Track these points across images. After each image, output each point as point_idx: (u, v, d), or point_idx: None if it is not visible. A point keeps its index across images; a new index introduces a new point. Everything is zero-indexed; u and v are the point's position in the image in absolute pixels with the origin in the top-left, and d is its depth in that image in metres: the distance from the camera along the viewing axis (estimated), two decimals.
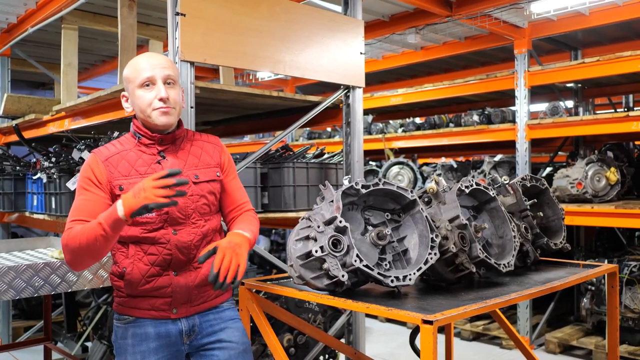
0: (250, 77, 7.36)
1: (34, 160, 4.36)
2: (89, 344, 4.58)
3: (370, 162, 6.94)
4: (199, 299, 2.03)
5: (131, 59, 2.04)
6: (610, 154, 5.24)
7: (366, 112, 6.29)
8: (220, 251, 1.82)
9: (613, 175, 4.94)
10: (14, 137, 4.87)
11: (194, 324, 2.03)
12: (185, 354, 2.05)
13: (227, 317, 2.10)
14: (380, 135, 6.72)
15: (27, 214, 4.36)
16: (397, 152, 6.77)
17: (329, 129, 8.16)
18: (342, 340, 3.59)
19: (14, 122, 4.65)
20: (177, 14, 2.67)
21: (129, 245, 1.98)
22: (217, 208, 2.12)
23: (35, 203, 4.14)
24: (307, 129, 7.98)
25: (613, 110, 7.09)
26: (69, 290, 2.63)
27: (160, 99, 1.93)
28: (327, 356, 3.86)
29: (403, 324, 6.15)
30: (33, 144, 4.50)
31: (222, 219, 2.19)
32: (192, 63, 2.76)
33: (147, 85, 1.95)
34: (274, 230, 8.80)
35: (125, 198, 1.73)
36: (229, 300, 2.16)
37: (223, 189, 2.13)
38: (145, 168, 1.96)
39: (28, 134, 4.62)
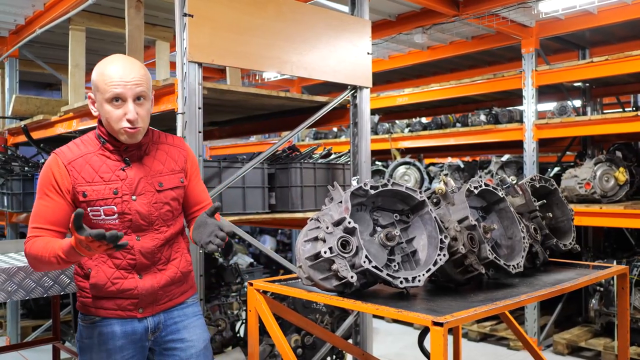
0: (257, 77, 7.36)
1: (42, 160, 4.38)
2: None
3: (377, 162, 6.93)
4: (164, 298, 2.07)
5: (103, 61, 1.93)
6: (618, 153, 5.20)
7: (372, 112, 6.27)
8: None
9: (622, 175, 4.90)
10: (22, 138, 4.89)
11: (159, 321, 2.08)
12: (148, 348, 2.10)
13: (190, 314, 2.15)
14: (386, 135, 6.71)
15: None
16: (404, 152, 6.75)
17: (334, 129, 8.15)
18: (350, 341, 3.59)
19: (23, 123, 4.67)
20: (185, 15, 2.67)
21: None
22: (179, 212, 2.13)
23: None
24: (313, 129, 7.98)
25: (621, 110, 7.04)
26: None
27: (129, 120, 1.88)
28: (334, 357, 3.86)
29: (409, 324, 6.14)
30: (41, 145, 4.52)
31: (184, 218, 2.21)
32: (199, 64, 2.76)
33: (117, 100, 1.88)
34: (279, 230, 8.82)
35: (77, 247, 1.65)
36: (193, 296, 2.20)
37: (186, 191, 2.13)
38: (109, 175, 1.94)
39: (36, 135, 4.64)
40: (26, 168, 4.55)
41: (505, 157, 5.94)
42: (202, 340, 2.15)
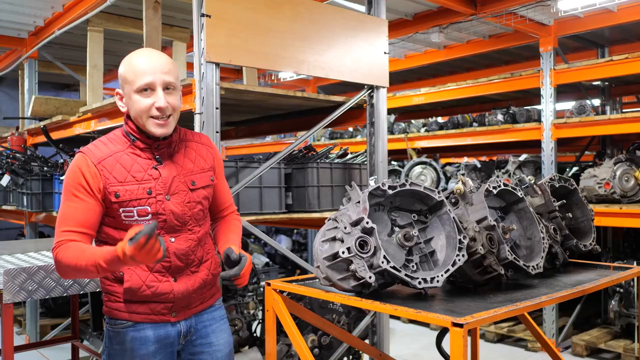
0: (273, 78, 7.38)
1: (61, 160, 4.43)
2: None
3: (393, 162, 6.90)
4: (197, 301, 2.04)
5: (130, 55, 1.91)
6: (639, 153, 5.13)
7: (388, 111, 6.23)
8: (248, 264, 1.94)
9: None
10: (41, 138, 4.95)
11: (190, 325, 2.04)
12: (177, 352, 2.06)
13: (218, 317, 2.13)
14: (402, 135, 6.68)
15: (54, 213, 4.44)
16: (420, 151, 6.72)
17: (350, 129, 8.14)
18: (367, 341, 3.58)
19: (42, 124, 4.72)
20: (203, 15, 2.68)
21: None
22: (207, 211, 2.10)
23: None
24: (329, 129, 7.98)
25: None
26: (97, 290, 2.65)
27: (158, 108, 1.84)
28: (351, 357, 3.85)
29: (426, 325, 6.11)
30: (60, 145, 4.57)
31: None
32: (217, 64, 2.77)
33: (146, 90, 1.84)
34: (295, 230, 8.83)
35: (123, 257, 1.59)
36: (220, 299, 2.19)
37: (213, 190, 2.11)
38: (142, 174, 1.88)
39: (55, 135, 4.70)
40: (45, 168, 4.61)
41: (523, 157, 5.88)
42: (227, 344, 2.14)
